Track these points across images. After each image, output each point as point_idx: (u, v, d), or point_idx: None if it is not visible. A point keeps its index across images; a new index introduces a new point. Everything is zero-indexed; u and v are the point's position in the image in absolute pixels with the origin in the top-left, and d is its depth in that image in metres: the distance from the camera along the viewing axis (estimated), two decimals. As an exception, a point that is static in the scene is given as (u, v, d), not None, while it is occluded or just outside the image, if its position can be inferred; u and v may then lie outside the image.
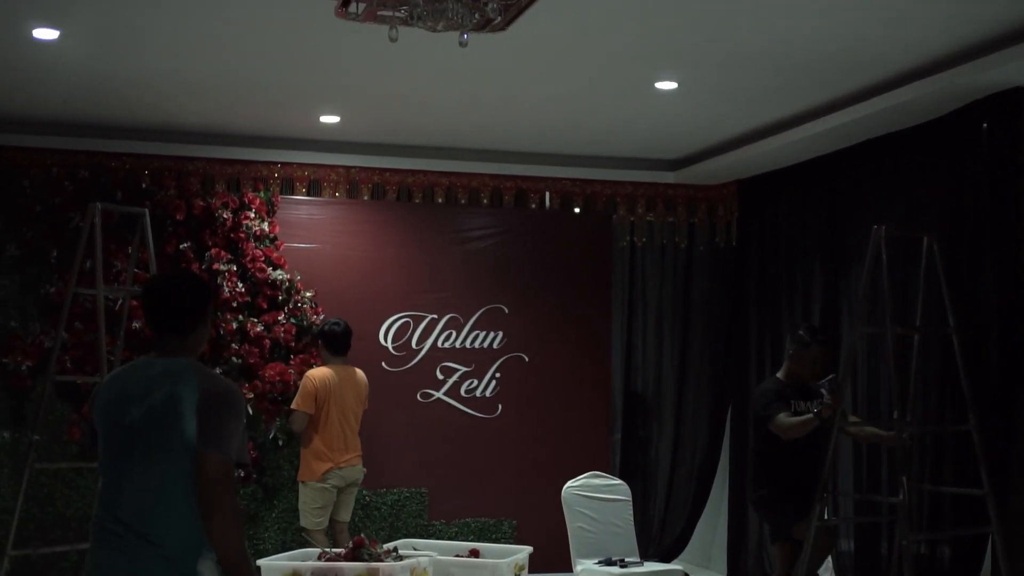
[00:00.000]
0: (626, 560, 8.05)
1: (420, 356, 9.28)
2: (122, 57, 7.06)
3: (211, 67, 7.27)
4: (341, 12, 5.35)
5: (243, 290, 8.73)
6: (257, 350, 8.70)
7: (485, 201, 9.54)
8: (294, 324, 8.82)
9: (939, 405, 7.38)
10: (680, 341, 10.00)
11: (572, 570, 8.19)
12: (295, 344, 8.79)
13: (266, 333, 8.73)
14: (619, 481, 8.63)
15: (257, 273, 8.78)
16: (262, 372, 8.66)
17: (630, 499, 8.52)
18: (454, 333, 9.38)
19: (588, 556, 8.11)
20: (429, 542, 8.23)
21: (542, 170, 9.65)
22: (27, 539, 8.04)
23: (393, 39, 5.17)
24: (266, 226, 8.91)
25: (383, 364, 9.11)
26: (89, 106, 8.20)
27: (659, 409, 9.99)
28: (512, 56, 6.84)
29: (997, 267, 6.96)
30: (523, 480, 9.34)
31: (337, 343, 8.23)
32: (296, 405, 8.13)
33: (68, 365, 8.29)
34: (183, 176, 8.83)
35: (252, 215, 8.88)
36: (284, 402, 8.52)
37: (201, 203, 8.76)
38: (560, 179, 9.69)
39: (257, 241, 8.86)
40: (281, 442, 8.63)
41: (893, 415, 6.72)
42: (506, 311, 9.49)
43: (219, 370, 8.56)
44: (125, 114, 8.41)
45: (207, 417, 3.64)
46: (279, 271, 8.85)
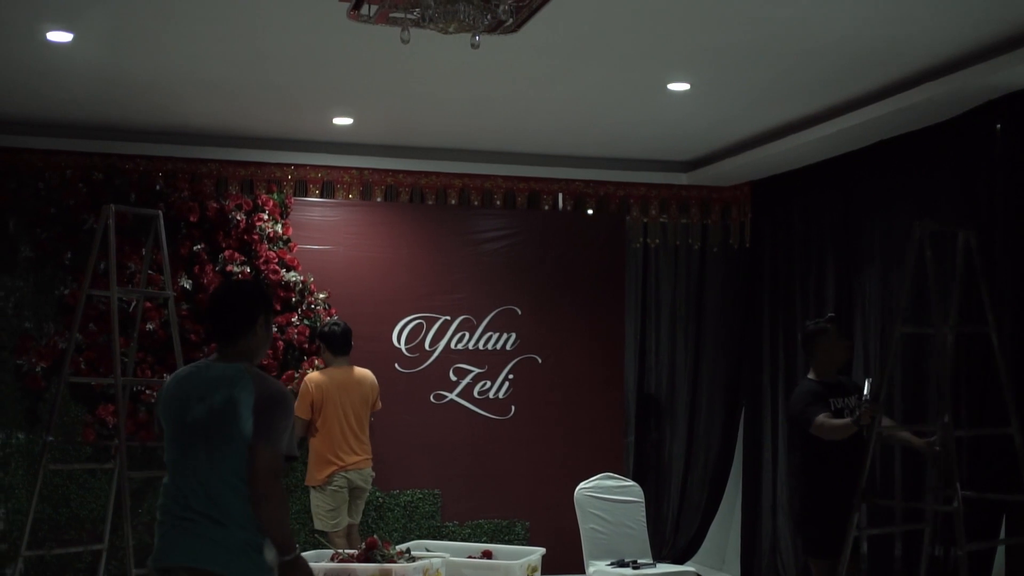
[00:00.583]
0: (638, 561, 8.06)
1: (433, 358, 9.29)
2: (136, 59, 7.09)
3: (224, 69, 7.29)
4: (353, 14, 5.36)
5: (257, 292, 8.74)
6: (271, 352, 8.71)
7: (498, 202, 9.55)
8: (308, 326, 8.83)
9: (979, 407, 7.08)
10: (694, 342, 9.99)
11: (584, 571, 8.20)
12: (308, 346, 8.80)
13: (280, 335, 8.74)
14: (632, 482, 8.64)
15: (270, 275, 8.79)
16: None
17: (643, 500, 8.52)
18: (467, 335, 9.38)
19: (600, 557, 8.12)
20: (442, 543, 8.24)
21: (555, 171, 9.65)
22: (41, 540, 8.09)
23: (405, 41, 5.17)
24: (279, 228, 8.92)
25: (396, 366, 9.12)
26: (103, 108, 8.23)
27: (672, 411, 9.98)
28: (524, 58, 6.84)
29: (1010, 267, 6.94)
30: (536, 481, 9.33)
31: (337, 344, 8.24)
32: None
33: (82, 366, 8.31)
34: (197, 178, 8.85)
35: (265, 217, 8.90)
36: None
37: (215, 205, 8.79)
38: (573, 180, 9.68)
39: (270, 243, 8.88)
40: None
41: (941, 418, 6.36)
42: (519, 312, 9.49)
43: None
44: (139, 116, 8.44)
45: (262, 415, 4.11)
46: (292, 273, 8.86)
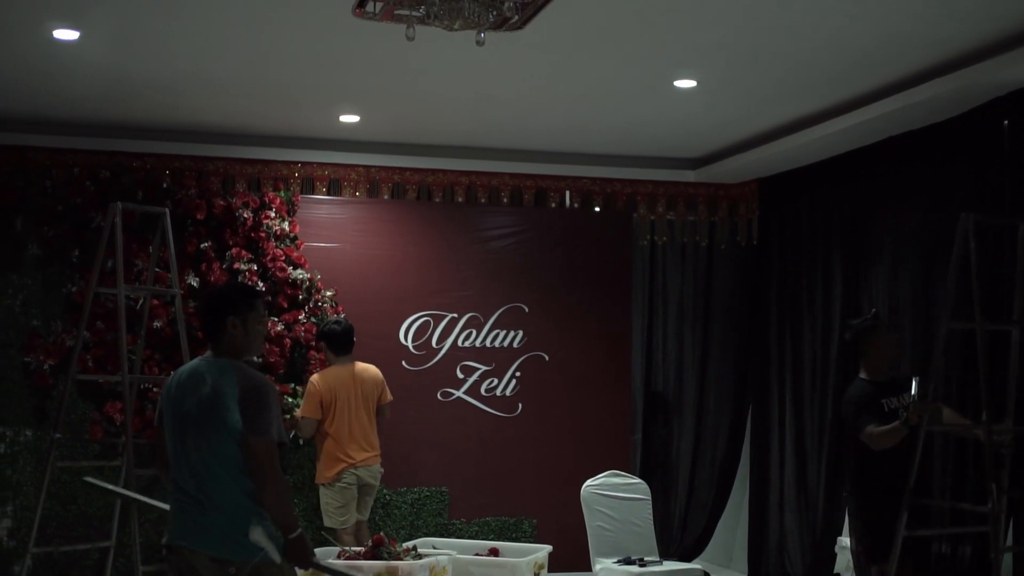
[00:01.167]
0: (645, 559, 8.06)
1: (440, 355, 9.29)
2: (142, 57, 7.09)
3: (231, 67, 7.29)
4: (359, 12, 5.38)
5: (263, 289, 8.75)
6: (277, 349, 8.71)
7: (505, 200, 9.54)
8: (315, 323, 8.83)
9: None
10: (701, 340, 9.97)
11: (591, 569, 8.20)
12: (316, 343, 8.80)
13: (286, 332, 8.75)
14: (638, 480, 8.64)
15: (277, 272, 8.80)
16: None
17: (649, 498, 8.52)
18: (474, 332, 9.38)
19: (607, 555, 8.12)
20: (449, 541, 8.26)
21: (562, 169, 9.64)
22: (49, 537, 8.10)
23: (410, 38, 5.19)
24: (286, 225, 8.93)
25: (403, 363, 9.12)
26: (110, 106, 8.24)
27: (680, 408, 9.97)
28: (531, 55, 6.84)
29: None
30: (544, 479, 9.33)
31: (339, 342, 8.25)
32: (302, 412, 8.16)
33: (90, 364, 8.32)
34: (204, 176, 8.86)
35: (272, 214, 8.90)
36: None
37: (221, 203, 8.79)
38: (580, 178, 9.67)
39: (277, 240, 8.88)
40: (302, 441, 8.62)
41: (982, 417, 6.28)
42: (526, 310, 9.49)
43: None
44: (146, 114, 8.44)
45: (247, 408, 4.43)
46: (299, 270, 8.87)
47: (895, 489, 6.31)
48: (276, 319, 8.75)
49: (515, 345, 9.45)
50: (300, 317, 8.82)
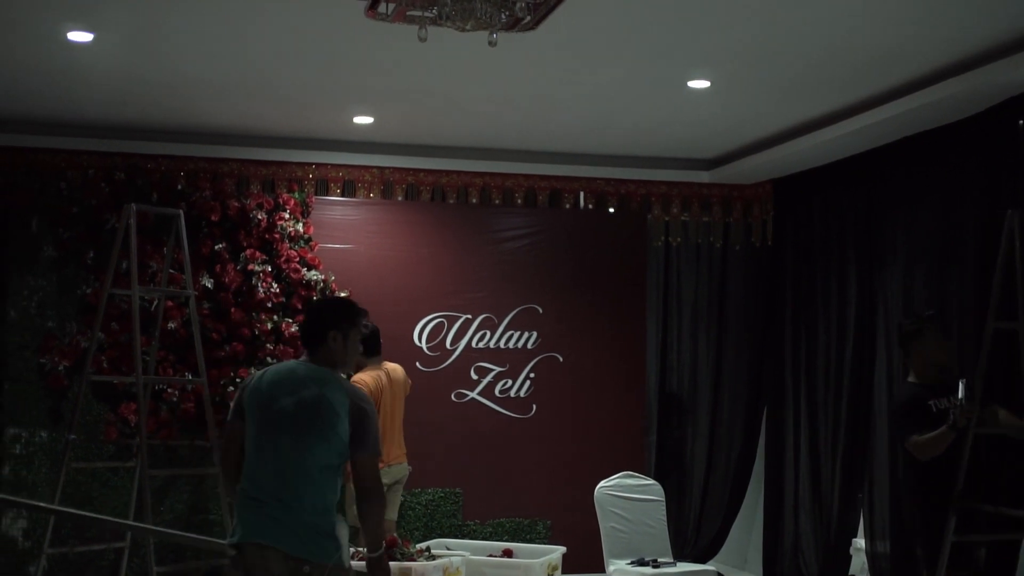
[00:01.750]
0: (659, 560, 8.04)
1: (454, 356, 9.29)
2: (156, 59, 7.11)
3: (244, 69, 7.30)
4: (371, 13, 5.38)
5: (278, 291, 8.77)
6: (292, 350, 8.72)
7: (519, 201, 9.54)
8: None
9: None
10: (715, 341, 9.95)
11: (605, 570, 8.19)
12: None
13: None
14: (652, 481, 8.63)
15: (292, 274, 8.82)
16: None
17: (663, 499, 8.51)
18: (488, 333, 9.38)
19: (621, 556, 8.11)
20: (462, 542, 8.26)
21: (576, 170, 9.63)
22: (64, 538, 8.12)
23: (423, 39, 5.19)
24: (300, 227, 8.94)
25: (417, 364, 9.12)
26: (124, 108, 8.26)
27: (694, 409, 9.95)
28: (544, 56, 6.83)
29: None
30: (557, 480, 9.33)
31: (368, 344, 8.24)
32: None
33: (104, 365, 8.35)
34: (218, 177, 8.88)
35: (287, 216, 8.91)
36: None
37: (236, 204, 8.81)
38: (594, 179, 9.66)
39: (292, 242, 8.90)
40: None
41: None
42: (540, 311, 9.49)
43: (254, 370, 8.62)
44: (160, 116, 8.46)
45: (359, 424, 4.59)
46: (313, 272, 8.88)
47: (949, 493, 6.14)
48: (290, 320, 8.76)
49: (529, 346, 9.45)
50: (314, 318, 8.82)
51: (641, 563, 7.98)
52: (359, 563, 6.82)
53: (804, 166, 9.28)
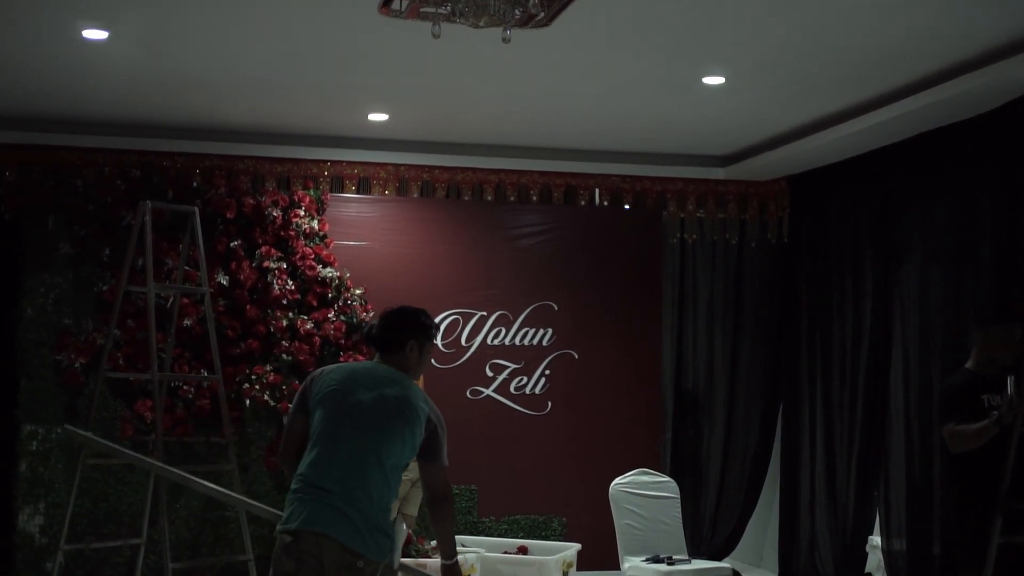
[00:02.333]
0: (674, 557, 8.03)
1: (469, 353, 9.29)
2: (171, 57, 7.12)
3: (259, 66, 7.32)
4: (385, 10, 5.38)
5: (293, 288, 8.77)
6: (307, 347, 8.74)
7: (534, 198, 9.53)
8: (344, 321, 8.85)
9: None
10: (731, 338, 9.93)
11: (620, 567, 8.18)
12: (345, 341, 8.82)
13: (316, 331, 8.76)
14: (667, 478, 8.61)
15: (307, 271, 8.82)
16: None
17: (678, 496, 8.49)
18: (503, 330, 9.38)
19: (636, 553, 8.10)
20: (478, 539, 8.26)
21: (591, 167, 9.63)
22: (80, 534, 8.15)
23: (436, 36, 5.19)
24: (316, 224, 8.95)
25: (433, 361, 9.10)
26: (140, 106, 8.28)
27: (710, 407, 9.93)
28: (559, 52, 6.83)
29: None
30: (573, 477, 9.31)
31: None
32: None
33: (120, 362, 8.37)
34: (233, 175, 8.89)
35: (302, 213, 8.92)
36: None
37: (251, 201, 8.82)
38: (610, 175, 9.66)
39: (307, 239, 8.91)
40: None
41: None
42: (556, 308, 9.48)
43: (269, 367, 8.64)
44: (175, 113, 8.48)
45: (434, 435, 4.71)
46: (329, 269, 8.89)
47: (994, 493, 5.98)
48: (306, 317, 8.77)
49: (544, 343, 9.44)
50: (330, 315, 8.84)
51: (656, 560, 7.97)
52: (434, 562, 6.88)
53: (820, 163, 9.26)
